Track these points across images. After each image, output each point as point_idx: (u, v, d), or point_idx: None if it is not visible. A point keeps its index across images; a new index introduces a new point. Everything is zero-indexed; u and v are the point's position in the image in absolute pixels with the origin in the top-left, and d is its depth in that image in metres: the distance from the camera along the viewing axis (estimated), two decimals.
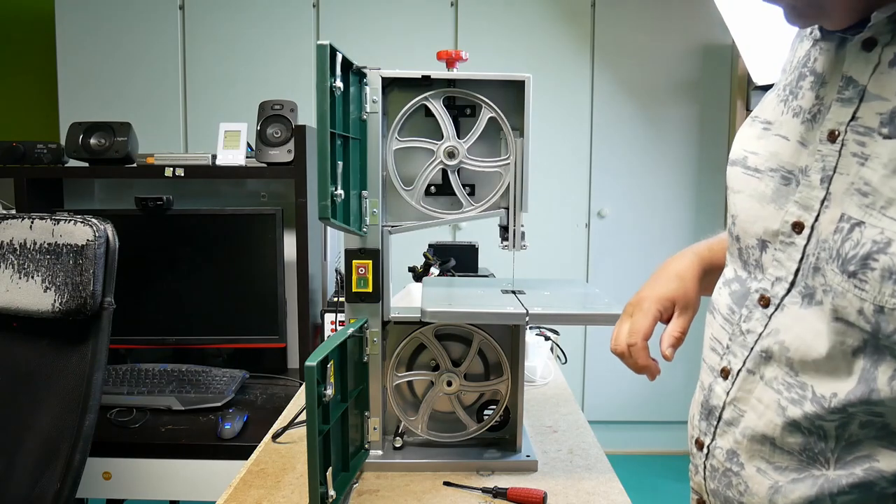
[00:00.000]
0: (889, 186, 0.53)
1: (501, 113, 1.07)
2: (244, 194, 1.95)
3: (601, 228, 3.21)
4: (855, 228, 0.55)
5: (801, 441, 0.60)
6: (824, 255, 0.58)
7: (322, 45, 0.91)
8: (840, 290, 0.56)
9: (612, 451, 3.12)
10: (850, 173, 0.57)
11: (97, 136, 1.81)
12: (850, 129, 0.58)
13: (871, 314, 0.53)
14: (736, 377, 0.66)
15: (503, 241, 1.12)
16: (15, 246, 1.32)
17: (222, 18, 3.10)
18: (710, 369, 0.71)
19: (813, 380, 0.59)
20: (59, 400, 1.28)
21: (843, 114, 0.59)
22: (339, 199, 0.96)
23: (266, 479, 1.09)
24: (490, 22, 3.11)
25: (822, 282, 0.58)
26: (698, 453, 0.71)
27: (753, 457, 0.63)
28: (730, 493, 0.66)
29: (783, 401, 0.61)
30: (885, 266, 0.52)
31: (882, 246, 0.52)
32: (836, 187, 0.58)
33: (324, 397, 0.90)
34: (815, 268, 0.59)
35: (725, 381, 0.67)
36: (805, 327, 0.60)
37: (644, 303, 0.88)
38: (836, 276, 0.56)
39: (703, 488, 0.71)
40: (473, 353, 1.13)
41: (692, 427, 0.73)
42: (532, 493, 1.01)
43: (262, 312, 1.80)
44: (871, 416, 0.55)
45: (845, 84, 0.59)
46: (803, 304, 0.60)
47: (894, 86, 0.54)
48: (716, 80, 3.15)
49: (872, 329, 0.54)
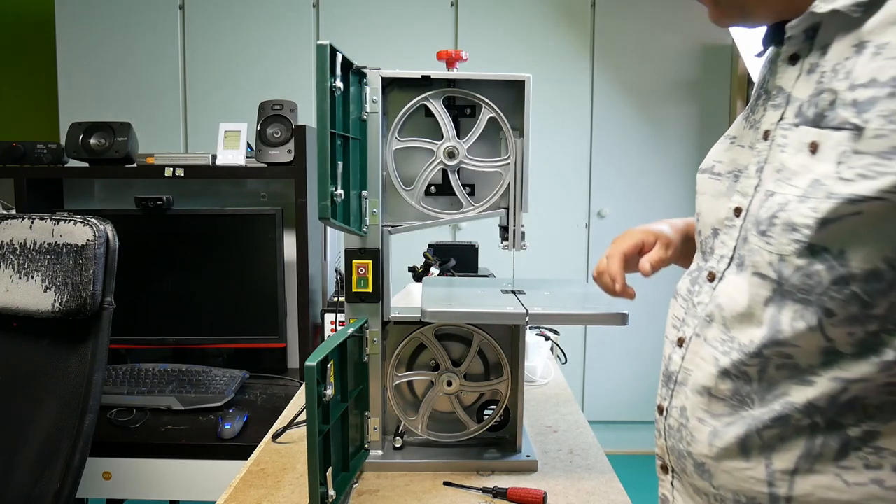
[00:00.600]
0: (794, 161, 0.63)
1: (501, 113, 1.07)
2: (244, 194, 1.95)
3: (601, 228, 3.21)
4: (769, 198, 0.65)
5: (731, 387, 0.68)
6: (750, 225, 0.67)
7: (322, 45, 0.91)
8: (756, 248, 0.65)
9: (612, 451, 3.12)
10: (775, 161, 0.66)
11: (97, 136, 1.81)
12: (778, 127, 0.67)
13: (776, 263, 0.63)
14: (689, 342, 0.74)
15: (503, 241, 1.12)
16: (15, 246, 1.32)
17: (222, 18, 3.10)
18: (670, 343, 0.79)
19: (737, 331, 0.67)
20: (59, 400, 1.28)
21: (774, 116, 0.69)
22: (339, 199, 0.96)
23: (266, 479, 1.09)
24: (490, 22, 3.11)
25: (748, 248, 0.67)
26: (659, 418, 0.79)
27: (696, 409, 0.71)
28: (681, 445, 0.73)
29: (717, 353, 0.69)
30: (784, 220, 0.61)
31: (783, 206, 0.62)
32: (765, 175, 0.68)
33: (324, 397, 0.90)
34: (745, 239, 0.68)
35: (681, 348, 0.76)
36: (735, 288, 0.69)
37: (630, 232, 1.01)
38: (755, 238, 0.66)
39: (665, 449, 0.78)
40: (473, 353, 1.13)
41: (657, 397, 0.81)
42: (532, 493, 1.01)
43: (262, 312, 1.80)
44: (783, 357, 0.64)
45: (777, 92, 0.70)
46: (737, 272, 0.69)
47: (809, 89, 0.64)
48: (716, 80, 3.15)
49: (777, 277, 0.63)
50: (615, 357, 3.26)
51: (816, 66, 0.64)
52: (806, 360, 0.62)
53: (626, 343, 3.23)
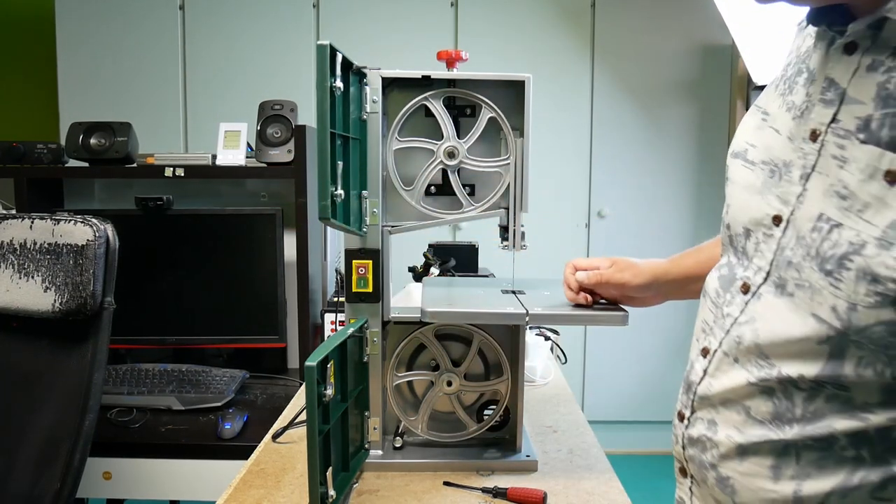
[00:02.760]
0: (866, 191, 0.55)
1: (501, 113, 1.07)
2: (244, 194, 1.95)
3: (601, 228, 3.21)
4: (834, 230, 0.58)
5: (772, 410, 0.64)
6: (801, 251, 0.61)
7: (322, 45, 0.91)
8: (817, 287, 0.59)
9: (612, 451, 3.12)
10: (829, 175, 0.59)
11: (97, 136, 1.81)
12: (830, 130, 0.60)
13: (843, 311, 0.57)
14: (713, 356, 0.70)
15: (503, 241, 1.12)
16: (15, 246, 1.32)
17: (222, 18, 3.10)
18: (696, 347, 0.76)
19: (779, 362, 0.63)
20: (59, 400, 1.28)
21: (825, 115, 0.61)
22: (339, 199, 0.96)
23: (266, 479, 1.09)
24: (490, 22, 3.11)
25: (795, 276, 0.61)
26: (679, 424, 0.76)
27: (727, 425, 0.68)
28: (704, 457, 0.71)
29: (751, 377, 0.65)
30: (860, 267, 0.55)
31: (857, 247, 0.55)
32: (813, 185, 0.61)
33: (324, 397, 0.90)
34: (789, 262, 0.62)
35: (704, 359, 0.72)
36: (776, 316, 0.63)
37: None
38: (815, 274, 0.59)
39: (682, 456, 0.76)
40: (473, 353, 1.13)
41: (678, 401, 0.78)
42: (532, 493, 1.01)
43: (262, 312, 1.80)
44: (837, 389, 0.59)
45: (827, 85, 0.61)
46: (776, 294, 0.64)
47: (871, 91, 0.57)
48: (716, 80, 3.15)
49: (843, 325, 0.57)
50: (615, 357, 3.26)
51: (880, 65, 0.57)
52: (863, 398, 0.58)
53: (626, 343, 3.23)
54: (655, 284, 1.03)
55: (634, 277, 1.03)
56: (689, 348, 0.79)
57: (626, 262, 1.05)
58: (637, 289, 1.04)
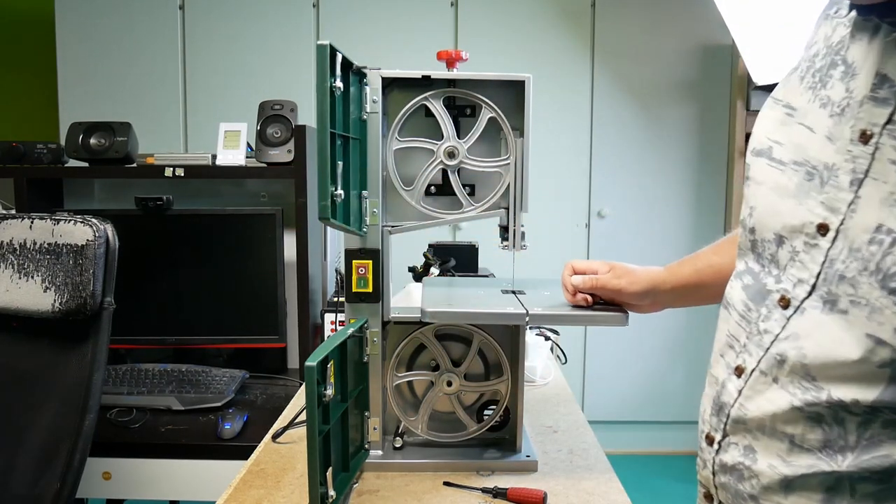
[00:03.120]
0: None
1: (501, 113, 1.07)
2: (244, 194, 1.95)
3: (601, 228, 3.21)
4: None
5: (821, 438, 0.58)
6: (856, 265, 0.56)
7: (322, 45, 0.91)
8: (878, 306, 0.54)
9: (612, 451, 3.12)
10: (887, 181, 0.54)
11: (97, 136, 1.81)
12: (885, 132, 0.55)
13: None
14: (749, 376, 0.65)
15: (503, 241, 1.12)
16: (15, 246, 1.32)
17: (222, 18, 3.10)
18: (725, 365, 0.69)
19: (829, 385, 0.58)
20: (59, 400, 1.28)
21: (878, 115, 0.55)
22: (339, 199, 0.96)
23: (266, 479, 1.09)
24: (490, 22, 3.11)
25: (849, 291, 0.56)
26: (708, 448, 0.70)
27: (769, 453, 0.62)
28: (742, 486, 0.65)
29: (796, 401, 0.60)
30: None
31: None
32: (867, 192, 0.55)
33: (324, 397, 0.90)
34: (841, 276, 0.57)
35: (739, 378, 0.66)
36: (826, 335, 0.58)
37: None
38: (875, 291, 0.54)
39: (711, 482, 0.71)
40: (473, 353, 1.13)
41: (703, 422, 0.73)
42: (532, 493, 1.01)
43: (262, 312, 1.80)
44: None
45: (879, 82, 0.55)
46: (825, 310, 0.58)
47: None
48: (716, 80, 3.15)
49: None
50: (615, 357, 3.26)
51: None
52: None
53: (626, 343, 3.23)
54: (652, 293, 1.02)
55: (631, 285, 1.02)
56: (710, 360, 0.75)
57: (623, 269, 1.04)
58: (633, 296, 1.02)
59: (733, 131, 3.11)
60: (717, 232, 3.20)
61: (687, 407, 3.28)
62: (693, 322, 3.18)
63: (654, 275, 1.02)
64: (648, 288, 1.01)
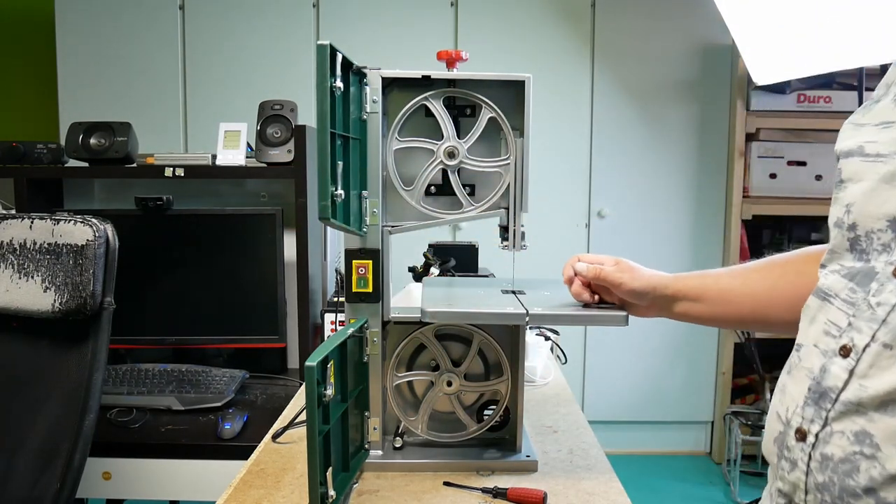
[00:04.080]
0: None
1: (501, 113, 1.07)
2: (244, 194, 1.95)
3: (601, 228, 3.21)
4: None
5: None
6: None
7: (322, 45, 0.91)
8: None
9: (612, 451, 3.12)
10: None
11: (97, 136, 1.81)
12: None
13: None
14: (862, 353, 0.60)
15: (503, 241, 1.12)
16: (15, 246, 1.32)
17: (222, 18, 3.10)
18: (821, 353, 0.65)
19: None
20: (59, 400, 1.28)
21: None
22: (339, 199, 0.96)
23: (266, 479, 1.09)
24: (490, 22, 3.11)
25: None
26: (799, 445, 0.64)
27: (892, 436, 0.57)
28: (852, 481, 0.59)
29: None
30: None
31: None
32: None
33: (324, 397, 0.90)
34: None
35: (846, 358, 0.61)
36: None
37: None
38: None
39: (802, 485, 0.64)
40: (473, 353, 1.13)
41: (784, 420, 0.67)
42: (532, 493, 1.01)
43: (262, 312, 1.80)
44: None
45: None
46: None
47: None
48: (716, 80, 3.15)
49: None
50: (615, 357, 3.26)
51: None
52: None
53: (626, 343, 3.23)
54: (652, 294, 1.00)
55: (633, 280, 1.01)
56: (787, 364, 0.70)
57: (628, 265, 1.03)
58: (632, 293, 1.01)
59: (733, 131, 3.11)
60: (717, 232, 3.20)
61: (687, 407, 3.29)
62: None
63: (658, 277, 1.02)
64: (649, 288, 1.00)
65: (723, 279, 0.97)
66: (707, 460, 3.28)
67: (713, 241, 3.21)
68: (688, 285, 0.99)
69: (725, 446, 3.10)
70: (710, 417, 3.30)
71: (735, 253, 3.12)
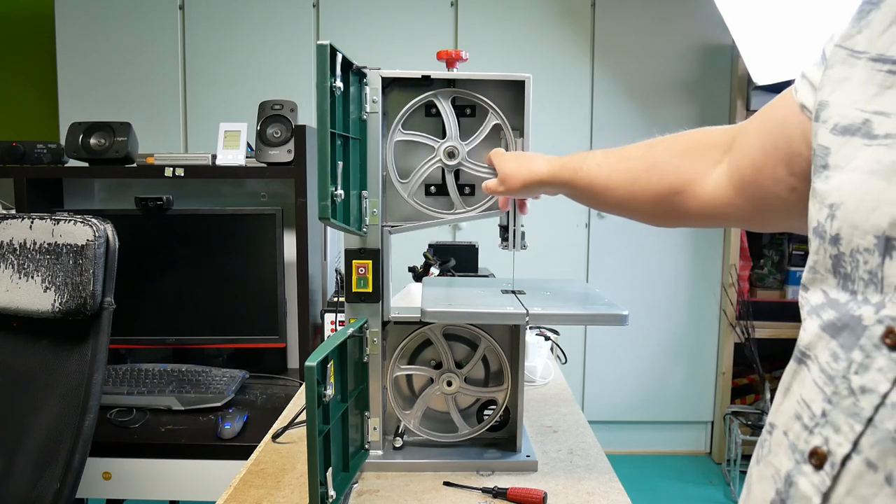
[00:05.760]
0: None
1: (501, 113, 1.07)
2: (244, 194, 1.95)
3: (601, 228, 3.21)
4: None
5: None
6: None
7: (322, 45, 0.91)
8: None
9: (612, 451, 3.12)
10: None
11: (97, 136, 1.81)
12: None
13: None
14: (839, 468, 0.41)
15: (503, 242, 1.12)
16: (15, 246, 1.32)
17: (222, 18, 3.10)
18: (789, 448, 0.46)
19: None
20: (59, 400, 1.28)
21: None
22: (339, 199, 0.96)
23: (266, 479, 1.09)
24: (490, 22, 3.11)
25: None
26: None
27: None
28: None
29: None
30: None
31: None
32: None
33: (324, 397, 0.90)
34: None
35: (818, 471, 0.42)
36: None
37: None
38: None
39: None
40: (478, 357, 1.13)
41: None
42: (532, 493, 1.01)
43: (262, 312, 1.80)
44: None
45: None
46: None
47: None
48: (716, 80, 3.15)
49: None
50: (615, 357, 3.26)
51: None
52: None
53: (626, 343, 3.23)
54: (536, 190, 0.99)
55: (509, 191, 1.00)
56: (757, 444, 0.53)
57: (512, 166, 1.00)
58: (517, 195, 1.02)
59: None
60: (717, 231, 3.20)
61: (687, 407, 3.28)
62: (693, 322, 3.18)
63: (532, 174, 0.97)
64: (526, 188, 0.99)
65: (592, 169, 0.90)
66: (707, 460, 3.28)
67: (713, 240, 3.21)
68: (560, 178, 0.94)
69: (725, 446, 3.10)
70: (710, 417, 3.30)
71: (735, 253, 3.12)
